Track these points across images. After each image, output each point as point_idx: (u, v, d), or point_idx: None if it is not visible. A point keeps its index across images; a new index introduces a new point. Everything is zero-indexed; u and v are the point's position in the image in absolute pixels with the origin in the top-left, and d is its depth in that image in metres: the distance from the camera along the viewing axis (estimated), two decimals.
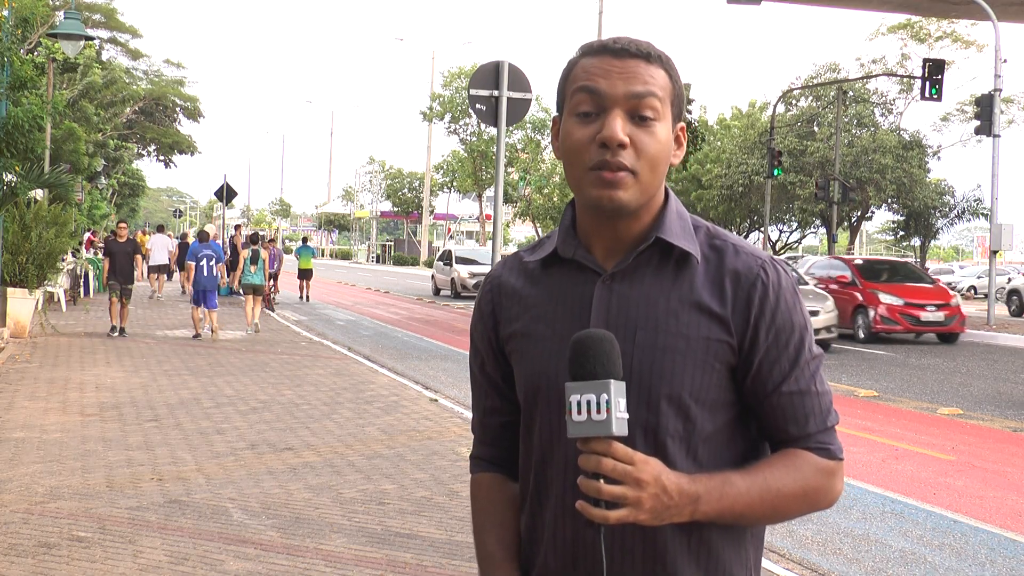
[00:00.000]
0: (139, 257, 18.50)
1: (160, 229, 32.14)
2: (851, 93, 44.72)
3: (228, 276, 25.46)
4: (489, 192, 58.25)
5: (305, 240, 34.50)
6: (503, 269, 1.78)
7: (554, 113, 1.75)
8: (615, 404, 1.45)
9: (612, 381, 1.46)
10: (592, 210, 1.64)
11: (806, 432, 1.63)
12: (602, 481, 1.46)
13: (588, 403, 1.46)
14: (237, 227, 30.00)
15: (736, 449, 1.65)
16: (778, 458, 1.63)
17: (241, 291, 20.08)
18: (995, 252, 27.16)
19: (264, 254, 20.35)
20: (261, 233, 23.63)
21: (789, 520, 1.68)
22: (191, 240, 28.56)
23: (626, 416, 1.47)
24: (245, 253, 20.56)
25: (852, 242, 52.66)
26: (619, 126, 1.58)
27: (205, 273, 17.37)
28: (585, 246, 1.68)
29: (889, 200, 45.25)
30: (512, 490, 1.78)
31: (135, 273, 17.80)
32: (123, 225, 18.27)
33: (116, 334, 17.01)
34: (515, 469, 1.78)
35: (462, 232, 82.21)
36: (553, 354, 1.63)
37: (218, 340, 17.17)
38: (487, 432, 1.82)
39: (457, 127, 56.95)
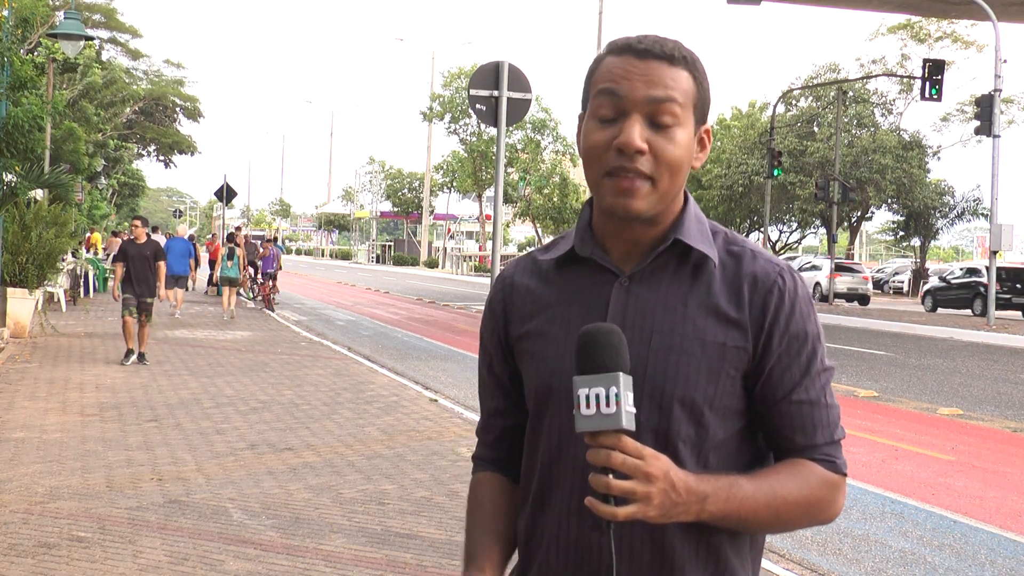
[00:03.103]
0: (161, 264, 14.02)
1: (155, 230, 32.30)
2: (851, 93, 44.75)
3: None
4: (489, 192, 58.27)
5: (275, 239, 36.45)
6: (516, 268, 1.77)
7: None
8: (624, 397, 1.44)
9: (620, 374, 1.45)
10: (608, 215, 1.63)
11: (813, 443, 1.63)
12: (611, 476, 1.45)
13: (597, 396, 1.44)
14: (237, 228, 30.99)
15: (744, 459, 1.64)
16: (784, 466, 1.62)
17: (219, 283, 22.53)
18: (995, 252, 27.17)
19: (240, 251, 22.90)
20: (260, 233, 24.92)
21: (789, 531, 1.67)
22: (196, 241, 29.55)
23: (634, 411, 1.46)
24: (222, 250, 22.77)
25: (852, 242, 52.71)
26: (637, 132, 1.55)
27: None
28: (602, 246, 1.66)
29: (889, 200, 45.30)
30: (510, 490, 1.77)
31: (157, 285, 13.93)
32: (139, 223, 14.29)
33: (132, 360, 13.53)
34: (516, 472, 1.77)
35: (462, 232, 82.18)
36: (567, 354, 1.61)
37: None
38: (490, 433, 1.81)
39: (457, 127, 56.94)
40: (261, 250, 26.23)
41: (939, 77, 28.29)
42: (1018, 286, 31.62)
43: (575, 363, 1.49)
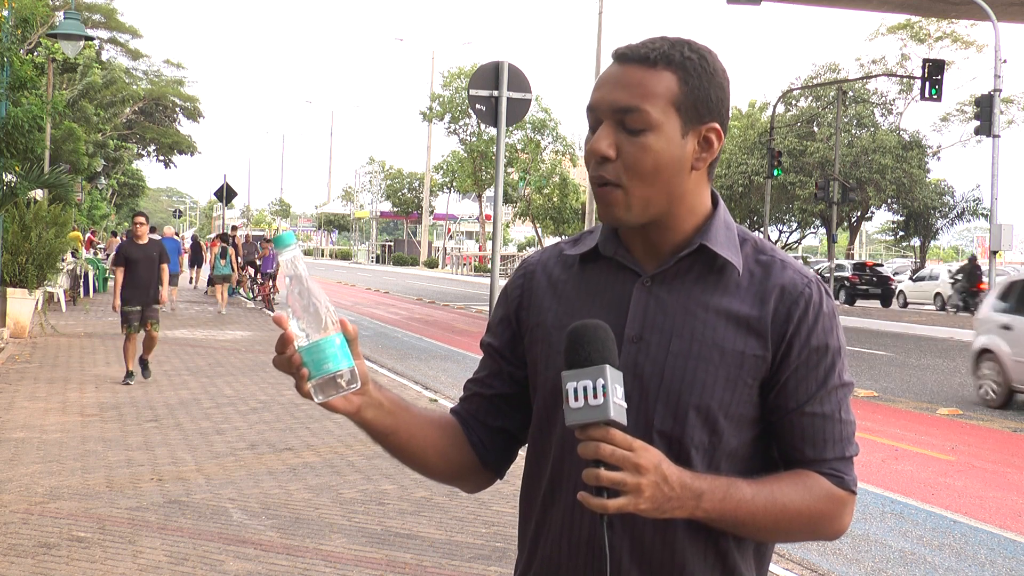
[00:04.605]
0: (165, 267, 12.22)
1: (153, 230, 32.38)
2: (851, 93, 44.76)
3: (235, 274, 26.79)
4: (489, 192, 58.24)
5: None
6: (540, 257, 1.78)
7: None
8: (611, 389, 1.44)
9: (607, 366, 1.45)
10: None
11: (822, 456, 1.62)
12: (601, 468, 1.45)
13: (585, 389, 1.44)
14: (234, 228, 31.48)
15: (756, 468, 1.63)
16: (789, 475, 1.61)
17: (212, 282, 24.63)
18: (995, 252, 27.16)
19: (231, 250, 24.37)
20: (261, 233, 25.96)
21: (791, 541, 1.66)
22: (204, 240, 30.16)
23: (624, 405, 1.46)
24: (216, 249, 24.18)
25: (852, 242, 52.73)
26: (602, 138, 1.57)
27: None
28: (627, 246, 1.67)
29: (889, 200, 45.32)
30: (452, 427, 1.76)
31: (161, 291, 12.05)
32: (142, 221, 12.28)
33: (133, 381, 11.76)
34: (471, 431, 1.77)
35: (462, 232, 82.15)
36: None
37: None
38: (464, 392, 1.82)
39: (457, 127, 56.91)
40: (261, 250, 26.28)
41: (939, 77, 28.30)
42: (874, 279, 35.88)
43: (564, 359, 1.48)
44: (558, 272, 1.73)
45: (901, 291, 36.75)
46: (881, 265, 39.97)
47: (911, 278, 38.05)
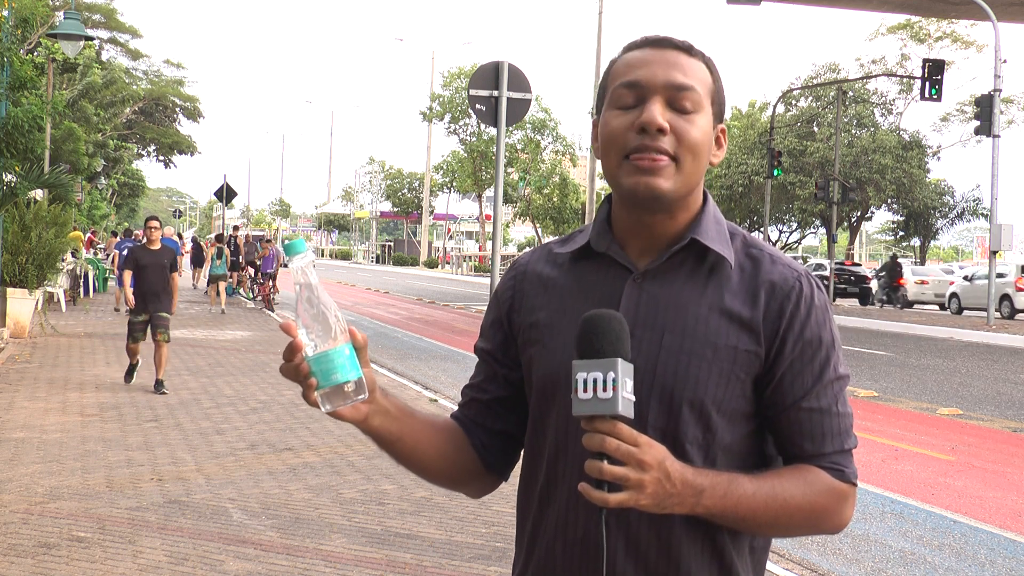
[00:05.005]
0: (176, 276, 11.50)
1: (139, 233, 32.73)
2: (851, 93, 44.76)
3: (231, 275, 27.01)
4: (489, 192, 58.24)
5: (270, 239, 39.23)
6: (531, 258, 1.77)
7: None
8: (622, 383, 1.43)
9: (619, 360, 1.44)
10: (628, 202, 1.62)
11: (821, 451, 1.62)
12: (605, 462, 1.45)
13: (595, 381, 1.44)
14: (236, 228, 31.72)
15: (753, 462, 1.63)
16: (789, 470, 1.61)
17: (208, 282, 25.38)
18: (995, 252, 27.17)
19: (227, 251, 25.47)
20: (261, 233, 26.69)
21: (792, 535, 1.66)
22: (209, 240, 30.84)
23: (632, 398, 1.46)
24: (212, 250, 25.20)
25: (852, 242, 52.75)
26: (658, 111, 1.57)
27: None
28: (619, 242, 1.66)
29: (889, 200, 45.32)
30: (455, 432, 1.76)
31: (172, 300, 11.37)
32: (155, 225, 11.65)
33: (132, 380, 11.69)
34: (472, 434, 1.77)
35: (462, 232, 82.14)
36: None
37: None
38: (463, 398, 1.82)
39: (457, 127, 56.93)
40: (261, 250, 26.31)
41: (939, 77, 28.30)
42: (852, 279, 38.15)
43: (576, 348, 1.48)
44: (549, 271, 1.72)
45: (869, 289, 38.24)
46: (859, 265, 42.28)
47: (877, 276, 39.71)
